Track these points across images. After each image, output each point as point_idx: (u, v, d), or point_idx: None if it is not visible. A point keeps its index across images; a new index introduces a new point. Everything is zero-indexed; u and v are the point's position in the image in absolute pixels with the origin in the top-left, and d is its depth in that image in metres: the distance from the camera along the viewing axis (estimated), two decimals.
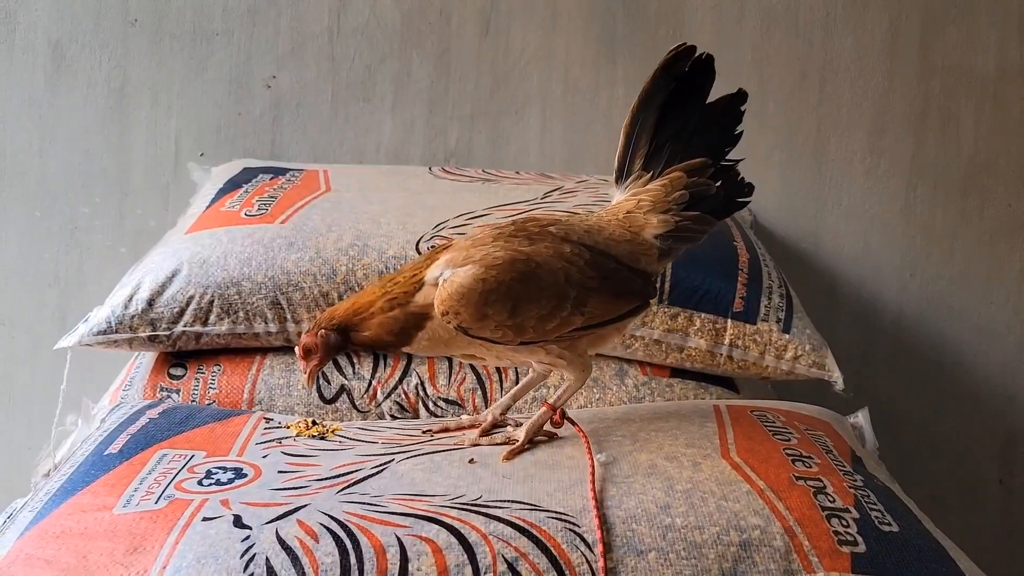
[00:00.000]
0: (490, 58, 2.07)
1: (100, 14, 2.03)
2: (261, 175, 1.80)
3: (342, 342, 1.14)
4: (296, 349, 1.17)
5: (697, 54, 1.18)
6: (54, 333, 1.66)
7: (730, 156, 1.21)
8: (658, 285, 1.45)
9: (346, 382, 1.47)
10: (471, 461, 1.13)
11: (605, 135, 2.08)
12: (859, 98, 2.07)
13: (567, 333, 1.14)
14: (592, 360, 1.22)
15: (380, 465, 1.11)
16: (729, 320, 1.49)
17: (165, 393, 1.45)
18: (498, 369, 1.49)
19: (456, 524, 0.98)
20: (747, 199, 1.21)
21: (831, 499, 1.04)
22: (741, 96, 1.18)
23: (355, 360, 1.50)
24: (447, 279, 1.10)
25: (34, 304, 2.08)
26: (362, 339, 1.14)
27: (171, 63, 2.04)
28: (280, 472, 1.09)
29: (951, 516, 2.05)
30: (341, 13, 2.05)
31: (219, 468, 1.10)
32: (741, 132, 1.19)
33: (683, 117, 1.16)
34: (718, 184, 1.18)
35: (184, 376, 1.48)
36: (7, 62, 2.04)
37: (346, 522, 0.98)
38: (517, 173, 1.94)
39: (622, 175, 1.20)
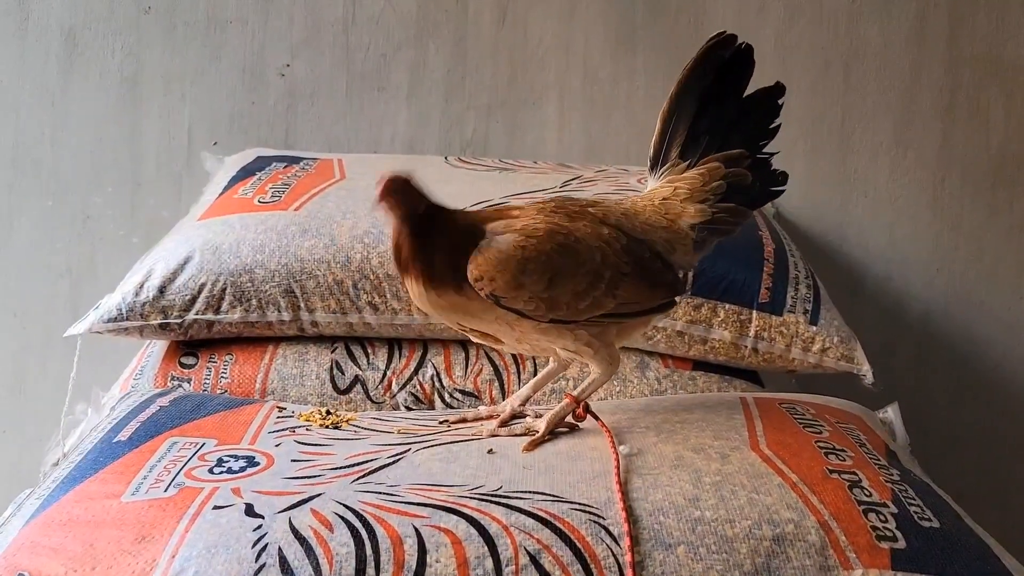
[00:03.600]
0: (507, 47, 2.03)
1: (114, 1, 2.01)
2: (275, 163, 1.77)
3: (422, 222, 1.06)
4: (381, 177, 1.06)
5: (737, 44, 1.16)
6: (65, 323, 1.62)
7: (765, 150, 1.19)
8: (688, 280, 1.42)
9: (360, 372, 1.44)
10: (490, 451, 1.09)
11: (625, 126, 2.04)
12: (885, 88, 2.02)
13: (596, 317, 1.11)
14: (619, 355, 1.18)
15: (396, 455, 1.08)
16: (754, 311, 1.45)
17: (176, 382, 1.42)
18: (515, 360, 1.46)
19: (476, 515, 0.94)
20: (782, 188, 1.20)
21: (867, 493, 1.00)
22: (779, 89, 1.17)
23: (369, 350, 1.46)
24: (484, 244, 1.07)
25: (45, 294, 2.06)
26: (432, 243, 1.06)
27: (184, 51, 2.02)
28: (293, 461, 1.06)
29: (978, 515, 2.00)
30: (356, 1, 2.02)
31: (231, 456, 1.06)
32: (778, 126, 1.18)
33: (721, 107, 1.15)
34: (753, 176, 1.17)
35: (196, 365, 1.45)
36: (20, 50, 2.02)
37: (362, 512, 0.94)
38: (535, 163, 1.90)
39: (657, 162, 1.18)
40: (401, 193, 1.07)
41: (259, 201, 1.59)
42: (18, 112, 2.03)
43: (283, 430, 1.15)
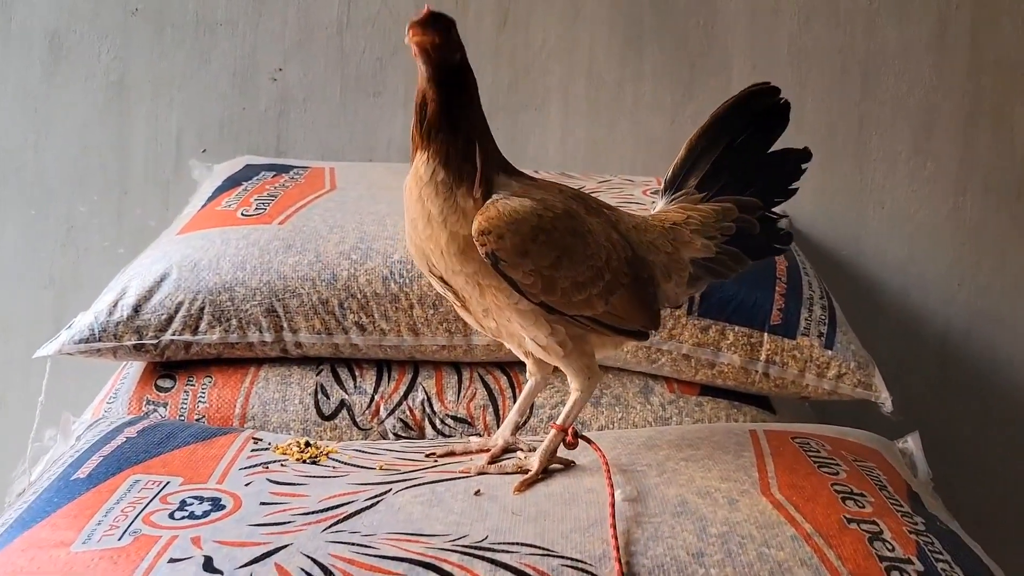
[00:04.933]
0: (509, 50, 1.95)
1: (100, 3, 1.95)
2: (263, 172, 1.70)
3: (453, 79, 1.01)
4: (424, 11, 0.99)
5: (777, 97, 1.15)
6: (49, 336, 1.56)
7: (776, 210, 1.18)
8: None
9: (346, 397, 1.36)
10: (477, 493, 1.01)
11: (630, 132, 1.96)
12: (904, 95, 1.94)
13: (582, 317, 1.06)
14: (601, 372, 1.14)
15: (375, 496, 0.99)
16: (766, 334, 1.37)
17: (152, 407, 1.35)
18: (512, 384, 1.38)
19: (456, 572, 0.85)
20: (785, 247, 1.20)
21: (890, 547, 0.91)
22: (806, 154, 1.17)
23: (357, 372, 1.38)
24: (499, 199, 1.02)
25: (29, 306, 2.00)
26: (462, 114, 1.01)
27: (173, 55, 1.95)
28: (262, 504, 0.98)
29: (1003, 549, 1.90)
30: (351, 3, 1.95)
31: (195, 498, 0.98)
32: (796, 189, 1.17)
33: (747, 153, 1.15)
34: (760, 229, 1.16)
35: (173, 388, 1.37)
36: (3, 53, 1.96)
37: (331, 567, 0.86)
38: (536, 172, 1.82)
39: (673, 186, 1.17)
40: (444, 33, 1.01)
41: (242, 214, 1.51)
42: (0, 117, 1.97)
43: (256, 466, 1.07)
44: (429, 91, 1.03)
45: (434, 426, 1.35)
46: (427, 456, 1.13)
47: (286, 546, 0.89)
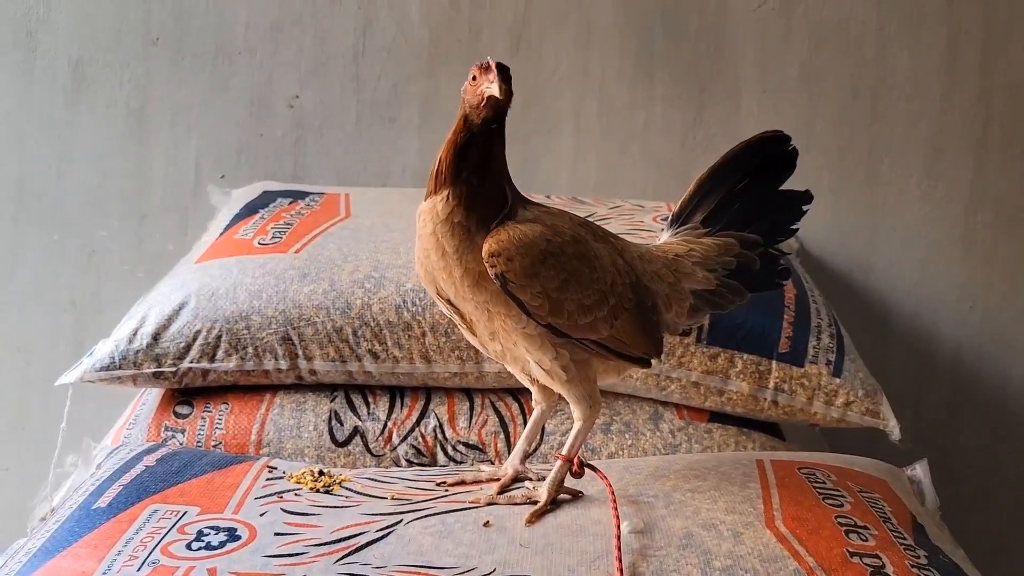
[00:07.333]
0: (521, 75, 1.93)
1: (121, 32, 1.99)
2: (280, 199, 1.73)
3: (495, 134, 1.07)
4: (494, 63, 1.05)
5: (787, 146, 1.20)
6: (70, 359, 1.59)
7: (778, 247, 1.22)
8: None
9: (360, 423, 1.38)
10: (486, 524, 1.03)
11: (641, 156, 1.98)
12: (915, 117, 1.94)
13: (587, 341, 1.09)
14: (603, 400, 1.16)
15: (386, 528, 1.02)
16: (774, 362, 1.38)
17: (170, 433, 1.38)
18: (522, 410, 1.39)
19: None
20: (784, 281, 1.23)
21: None
22: (807, 196, 1.21)
23: (370, 399, 1.41)
24: (510, 224, 1.06)
25: (50, 329, 2.04)
26: (488, 166, 1.06)
27: (192, 82, 1.99)
28: (277, 534, 1.00)
29: (1017, 570, 1.90)
30: (367, 31, 1.98)
31: (211, 528, 1.01)
32: (797, 229, 1.21)
33: (752, 195, 1.19)
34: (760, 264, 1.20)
35: (190, 415, 1.40)
36: (27, 82, 2.00)
37: None
38: (548, 197, 1.84)
39: (678, 219, 1.21)
40: (508, 89, 1.06)
41: (259, 243, 1.54)
42: (24, 144, 2.01)
43: (270, 495, 1.10)
44: (477, 136, 1.07)
45: (446, 452, 1.37)
46: (438, 485, 1.15)
47: None
